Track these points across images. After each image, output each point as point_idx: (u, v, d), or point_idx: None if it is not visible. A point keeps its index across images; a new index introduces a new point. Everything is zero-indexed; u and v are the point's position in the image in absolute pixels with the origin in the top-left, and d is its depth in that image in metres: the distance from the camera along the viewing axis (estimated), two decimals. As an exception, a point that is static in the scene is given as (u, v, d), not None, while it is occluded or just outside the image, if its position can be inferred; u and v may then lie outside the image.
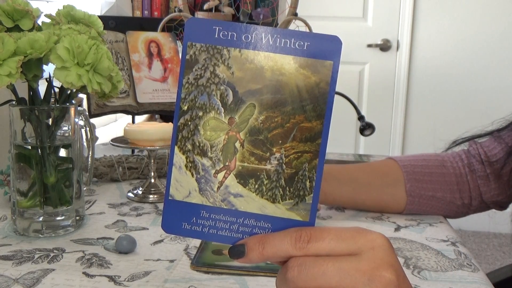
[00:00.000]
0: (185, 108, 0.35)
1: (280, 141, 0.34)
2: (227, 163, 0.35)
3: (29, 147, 0.65)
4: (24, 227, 0.65)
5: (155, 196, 0.82)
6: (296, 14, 1.16)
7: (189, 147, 0.35)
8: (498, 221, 0.90)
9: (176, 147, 0.35)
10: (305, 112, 0.34)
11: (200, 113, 0.34)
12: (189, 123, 0.35)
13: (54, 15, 0.68)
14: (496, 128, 0.78)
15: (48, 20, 0.68)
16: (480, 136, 0.79)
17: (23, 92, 0.65)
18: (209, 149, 0.35)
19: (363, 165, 0.78)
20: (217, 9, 1.25)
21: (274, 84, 0.34)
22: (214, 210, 0.35)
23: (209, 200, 0.35)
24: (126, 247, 0.61)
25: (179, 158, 0.35)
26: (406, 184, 0.74)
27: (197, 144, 0.35)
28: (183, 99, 0.35)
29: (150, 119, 1.32)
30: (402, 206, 0.76)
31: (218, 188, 0.35)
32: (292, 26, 1.19)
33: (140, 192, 0.83)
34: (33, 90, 0.64)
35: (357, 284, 0.32)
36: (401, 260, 0.61)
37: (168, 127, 0.83)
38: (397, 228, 0.72)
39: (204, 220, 0.35)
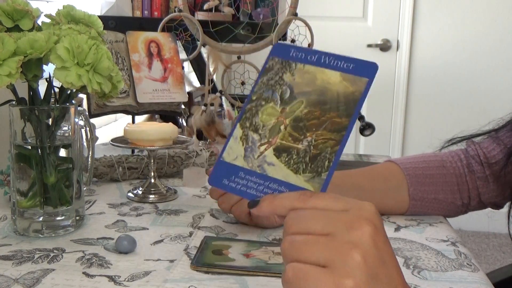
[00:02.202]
0: (254, 98, 0.47)
1: (314, 129, 0.44)
2: (270, 139, 0.45)
3: (29, 147, 0.65)
4: (24, 227, 0.65)
5: (155, 196, 0.82)
6: (296, 14, 1.16)
7: (248, 124, 0.46)
8: (498, 221, 0.90)
9: (238, 124, 0.46)
10: (339, 110, 0.43)
11: (263, 103, 0.46)
12: (253, 108, 0.47)
13: (54, 15, 0.68)
14: (493, 128, 0.78)
15: (48, 20, 0.67)
16: (476, 135, 0.79)
17: (23, 92, 0.65)
18: (261, 128, 0.46)
19: (365, 171, 0.78)
20: (217, 9, 1.25)
21: (321, 89, 0.45)
22: (250, 172, 0.45)
23: (249, 164, 0.45)
24: (126, 247, 0.61)
25: (238, 131, 0.46)
26: (409, 188, 0.74)
27: (254, 123, 0.46)
28: (255, 92, 0.47)
29: (150, 119, 1.32)
30: (404, 209, 0.76)
31: (258, 156, 0.45)
32: (292, 26, 1.19)
33: (140, 192, 0.83)
34: (33, 90, 0.64)
35: (337, 229, 0.38)
36: (401, 260, 0.61)
37: (168, 127, 0.83)
38: (397, 228, 0.72)
39: (240, 179, 0.45)
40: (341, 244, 0.37)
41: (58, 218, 0.66)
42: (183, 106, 1.07)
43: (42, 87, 0.66)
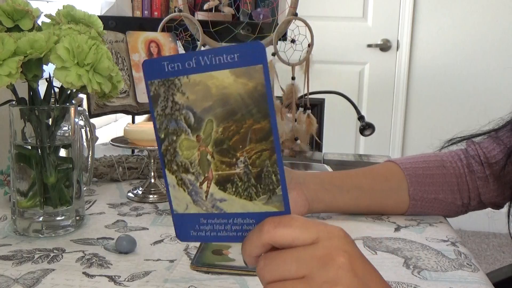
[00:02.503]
0: (162, 136, 0.40)
1: (240, 146, 0.38)
2: (206, 175, 0.39)
3: (29, 147, 0.65)
4: (24, 227, 0.65)
5: (155, 196, 0.82)
6: (296, 14, 1.16)
7: (175, 167, 0.40)
8: (498, 221, 0.90)
9: (166, 170, 0.40)
10: (253, 116, 0.37)
11: (174, 138, 0.39)
12: (169, 147, 0.40)
13: (54, 15, 0.68)
14: (492, 128, 0.78)
15: (48, 20, 0.68)
16: (476, 135, 0.79)
17: (23, 92, 0.65)
18: (190, 166, 0.40)
19: (365, 171, 0.78)
20: (217, 9, 1.25)
21: (221, 97, 0.37)
22: (209, 216, 0.40)
23: (203, 208, 0.40)
24: (126, 247, 0.61)
25: (170, 178, 0.40)
26: (409, 188, 0.74)
27: (180, 164, 0.40)
28: (158, 129, 0.40)
29: (150, 119, 1.32)
30: (404, 209, 0.76)
31: (206, 197, 0.40)
32: (292, 26, 1.19)
33: (140, 192, 0.83)
34: (33, 90, 0.64)
35: (312, 270, 0.35)
36: (401, 260, 0.61)
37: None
38: (397, 228, 0.72)
39: (204, 225, 0.41)
40: (320, 285, 0.35)
41: (58, 218, 0.66)
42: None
43: (42, 87, 0.66)
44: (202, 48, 1.19)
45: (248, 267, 0.57)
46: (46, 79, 0.65)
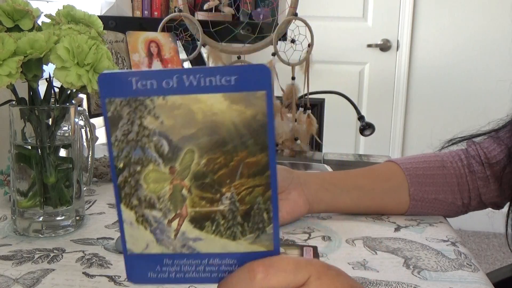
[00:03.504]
0: (121, 166, 0.33)
1: (228, 181, 0.33)
2: (178, 211, 0.34)
3: (29, 147, 0.65)
4: (24, 227, 0.65)
5: (155, 196, 0.82)
6: (296, 14, 1.16)
7: (136, 202, 0.33)
8: (498, 221, 0.90)
9: (122, 205, 0.34)
10: (247, 147, 0.32)
11: (138, 168, 0.33)
12: (129, 179, 0.33)
13: (54, 15, 0.68)
14: (493, 128, 0.78)
15: (48, 20, 0.67)
16: (477, 135, 0.79)
17: (23, 92, 0.65)
18: (157, 201, 0.33)
19: (366, 171, 0.78)
20: (217, 9, 1.25)
21: (209, 125, 0.32)
22: (176, 256, 0.34)
23: (169, 248, 0.34)
24: (126, 247, 0.61)
25: (128, 215, 0.34)
26: (410, 188, 0.74)
27: (143, 198, 0.33)
28: (116, 158, 0.33)
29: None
30: (405, 209, 0.76)
31: (175, 235, 0.34)
32: (292, 26, 1.19)
33: (140, 192, 0.83)
34: (33, 90, 0.64)
35: None
36: (401, 260, 0.61)
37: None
38: (397, 228, 0.72)
39: (168, 266, 0.35)
40: None
41: (58, 218, 0.66)
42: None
43: (42, 87, 0.66)
44: (202, 48, 1.19)
45: None
46: (46, 79, 0.65)
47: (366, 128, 1.29)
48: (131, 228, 0.34)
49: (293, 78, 1.19)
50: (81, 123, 0.70)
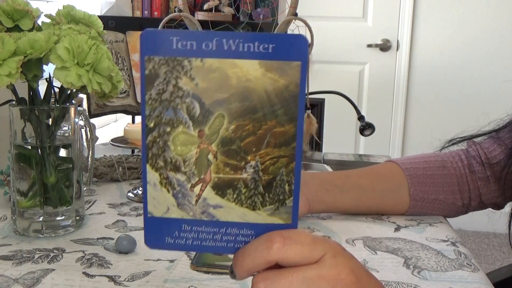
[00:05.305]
0: (152, 125, 0.33)
1: (254, 149, 0.33)
2: (202, 176, 0.34)
3: (29, 147, 0.65)
4: (24, 227, 0.65)
5: (155, 196, 0.82)
6: (296, 14, 1.16)
7: (161, 164, 0.34)
8: (498, 221, 0.90)
9: (148, 165, 0.34)
10: (277, 117, 0.33)
11: (168, 129, 0.33)
12: (158, 139, 0.34)
13: (54, 15, 0.68)
14: (493, 129, 0.78)
15: (48, 20, 0.68)
16: (477, 135, 0.79)
17: (23, 92, 0.65)
18: (182, 164, 0.34)
19: (366, 171, 0.78)
20: (217, 9, 1.26)
21: (242, 91, 0.32)
22: (195, 222, 0.35)
23: (189, 213, 0.35)
24: (126, 247, 0.61)
25: (152, 176, 0.34)
26: (410, 189, 0.74)
27: (169, 160, 0.34)
28: (148, 116, 0.33)
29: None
30: (405, 209, 0.76)
31: (196, 201, 0.35)
32: (292, 26, 1.19)
33: (140, 192, 0.83)
34: (33, 90, 0.64)
35: None
36: (401, 260, 0.61)
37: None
38: (397, 228, 0.72)
39: (186, 233, 0.35)
40: None
41: (58, 218, 0.66)
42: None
43: (42, 87, 0.66)
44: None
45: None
46: (46, 79, 0.65)
47: (366, 128, 1.29)
48: (154, 190, 0.34)
49: (293, 78, 1.19)
50: (81, 123, 0.70)
